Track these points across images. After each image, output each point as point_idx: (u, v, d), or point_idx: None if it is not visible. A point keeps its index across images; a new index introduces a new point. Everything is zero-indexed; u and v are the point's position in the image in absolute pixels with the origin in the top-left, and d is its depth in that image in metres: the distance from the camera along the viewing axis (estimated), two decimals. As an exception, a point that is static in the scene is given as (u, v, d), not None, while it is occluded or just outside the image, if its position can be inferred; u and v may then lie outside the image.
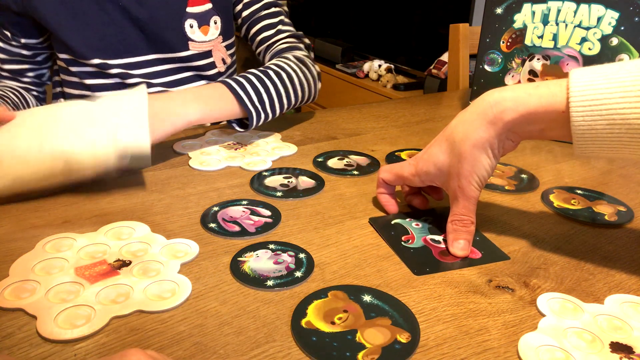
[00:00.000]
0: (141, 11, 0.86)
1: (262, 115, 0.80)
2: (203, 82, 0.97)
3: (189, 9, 0.91)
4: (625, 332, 0.44)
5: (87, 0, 0.84)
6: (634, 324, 0.45)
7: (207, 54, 0.95)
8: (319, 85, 0.92)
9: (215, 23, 0.94)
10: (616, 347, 0.42)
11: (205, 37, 0.93)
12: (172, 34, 0.90)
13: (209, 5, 0.93)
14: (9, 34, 0.87)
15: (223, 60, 0.98)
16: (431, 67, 2.21)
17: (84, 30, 0.84)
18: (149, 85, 0.90)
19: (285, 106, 0.83)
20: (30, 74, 0.92)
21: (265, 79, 0.80)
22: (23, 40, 0.87)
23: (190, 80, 0.95)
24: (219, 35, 0.96)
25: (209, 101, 0.74)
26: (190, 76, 0.95)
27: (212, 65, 0.97)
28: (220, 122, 0.81)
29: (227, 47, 0.99)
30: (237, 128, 0.82)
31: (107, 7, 0.85)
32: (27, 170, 0.58)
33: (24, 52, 0.88)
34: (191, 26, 0.91)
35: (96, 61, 0.86)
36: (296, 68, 0.86)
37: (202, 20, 0.93)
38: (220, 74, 0.99)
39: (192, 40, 0.92)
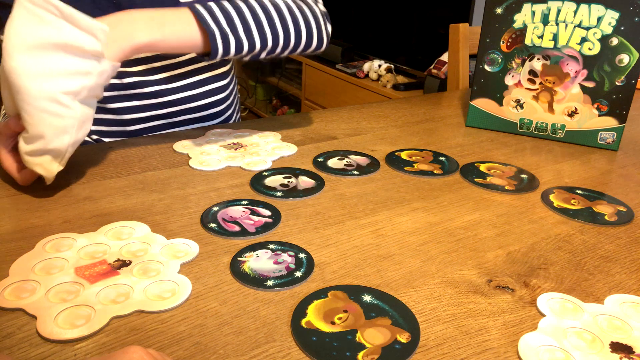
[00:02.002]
0: (134, 6, 0.85)
1: (232, 41, 0.69)
2: (207, 74, 0.95)
3: (183, 1, 0.89)
4: (625, 332, 0.44)
5: None
6: (634, 324, 0.45)
7: None
8: (329, 27, 0.81)
9: None
10: (616, 347, 0.42)
11: None
12: None
13: None
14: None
15: None
16: (431, 67, 2.21)
17: None
18: (147, 83, 0.89)
19: (269, 37, 0.73)
20: None
21: (240, 2, 0.72)
22: None
23: (192, 74, 0.93)
24: None
25: (164, 21, 0.66)
26: (191, 70, 0.93)
27: None
28: (184, 54, 0.74)
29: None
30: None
31: (102, 4, 0.84)
32: None
33: None
34: None
35: None
36: None
37: None
38: (224, 61, 0.95)
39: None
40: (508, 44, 0.89)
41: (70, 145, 0.59)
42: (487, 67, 0.91)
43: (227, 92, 0.99)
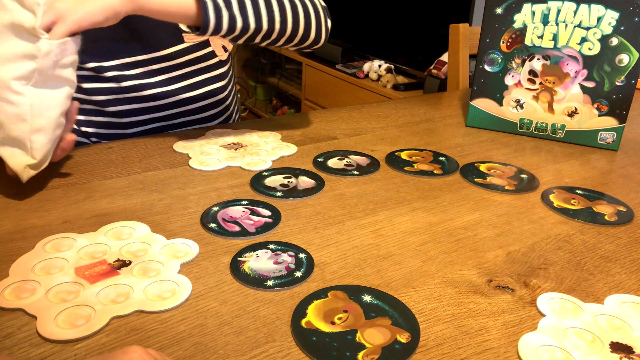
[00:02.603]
0: None
1: (225, 15, 0.68)
2: (206, 75, 0.95)
3: None
4: (625, 332, 0.44)
5: None
6: (634, 324, 0.45)
7: (205, 44, 0.92)
8: (329, 22, 0.81)
9: None
10: (616, 347, 0.42)
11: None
12: (165, 29, 0.87)
13: None
14: None
15: (224, 47, 0.95)
16: (431, 67, 2.21)
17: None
18: (147, 86, 0.89)
19: (265, 20, 0.72)
20: None
21: None
22: None
23: (190, 76, 0.93)
24: None
25: None
26: (189, 72, 0.92)
27: (212, 55, 0.94)
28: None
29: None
30: (186, 29, 0.72)
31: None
32: None
33: None
34: None
35: (91, 65, 0.85)
36: None
37: None
38: (222, 62, 0.96)
39: (186, 32, 0.89)
40: (508, 44, 0.89)
41: (30, 133, 0.57)
42: (487, 67, 0.91)
43: (226, 92, 0.99)
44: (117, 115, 0.86)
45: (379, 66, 2.48)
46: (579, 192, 0.71)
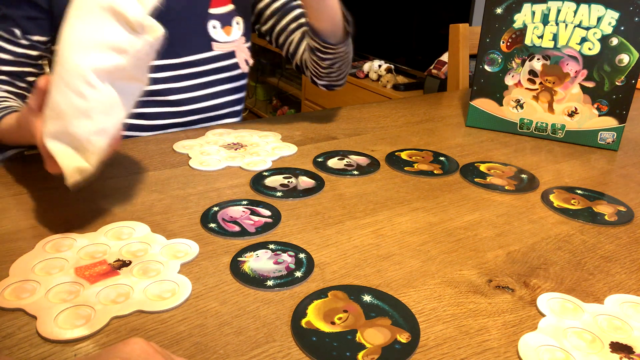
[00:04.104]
0: (169, 19, 0.84)
1: (349, 45, 0.86)
2: (228, 86, 0.96)
3: (212, 10, 0.90)
4: (625, 332, 0.44)
5: None
6: (634, 324, 0.45)
7: (231, 54, 0.94)
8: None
9: (238, 24, 0.93)
10: (616, 347, 0.42)
11: (228, 37, 0.93)
12: (196, 36, 0.89)
13: (231, 6, 0.92)
14: (19, 31, 0.80)
15: (246, 61, 0.97)
16: (431, 67, 2.21)
17: None
18: (172, 91, 0.89)
19: (346, 67, 0.91)
20: (30, 78, 0.86)
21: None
22: (35, 38, 0.81)
23: (213, 85, 0.94)
24: (242, 36, 0.95)
25: None
26: (213, 80, 0.93)
27: (236, 66, 0.96)
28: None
29: (249, 49, 0.99)
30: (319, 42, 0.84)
31: None
32: None
33: (31, 52, 0.83)
34: (214, 27, 0.91)
35: None
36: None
37: (225, 21, 0.92)
38: (243, 74, 0.98)
39: (216, 41, 0.91)
40: (508, 44, 0.89)
41: (92, 133, 0.51)
42: (487, 67, 0.91)
43: (242, 105, 1.02)
44: (140, 117, 0.87)
45: (379, 66, 2.48)
46: (579, 192, 0.71)
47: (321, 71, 0.91)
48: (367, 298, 0.47)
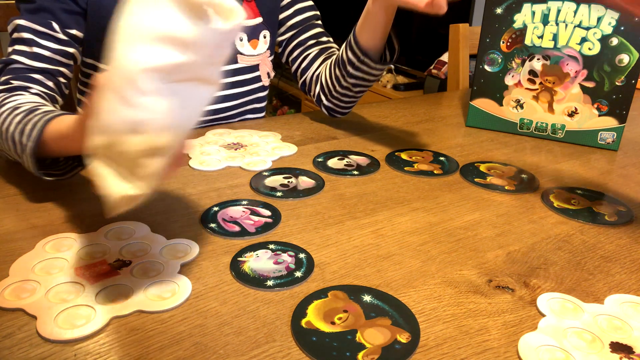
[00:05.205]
0: None
1: (383, 71, 0.84)
2: (247, 98, 0.96)
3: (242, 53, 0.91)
4: (625, 332, 0.44)
5: None
6: (634, 324, 0.45)
7: (254, 67, 0.94)
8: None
9: (265, 37, 0.93)
10: (616, 347, 0.42)
11: (254, 51, 0.92)
12: None
13: (259, 19, 0.92)
14: (57, 25, 0.74)
15: (268, 74, 0.97)
16: (431, 67, 2.21)
17: None
18: None
19: (368, 86, 0.89)
20: (62, 79, 0.77)
21: None
22: (73, 32, 0.76)
23: (235, 98, 0.93)
24: (267, 49, 0.95)
25: None
26: (235, 93, 0.93)
27: (258, 79, 0.96)
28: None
29: (271, 62, 0.99)
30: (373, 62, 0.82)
31: None
32: None
33: (68, 49, 0.76)
34: (241, 39, 0.90)
35: None
36: None
37: (252, 34, 0.92)
38: (263, 87, 0.98)
39: (241, 54, 0.91)
40: (508, 44, 0.89)
41: (146, 152, 0.39)
42: (487, 67, 0.91)
43: (262, 114, 1.02)
44: None
45: (379, 66, 2.47)
46: (579, 192, 0.70)
47: (337, 90, 0.88)
48: (367, 298, 0.47)
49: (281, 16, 0.96)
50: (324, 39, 0.96)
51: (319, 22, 0.98)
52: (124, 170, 0.41)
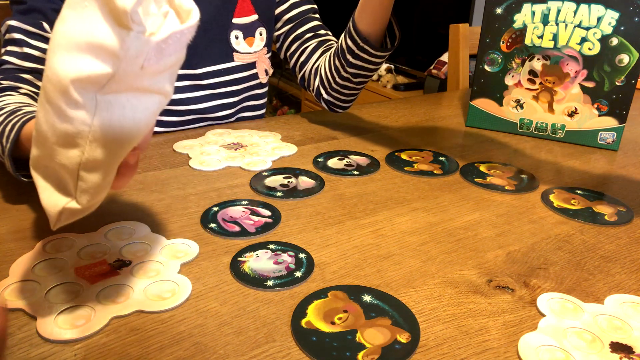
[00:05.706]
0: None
1: (383, 60, 0.82)
2: (245, 95, 0.95)
3: (235, 20, 0.89)
4: (625, 332, 0.44)
5: None
6: (634, 324, 0.45)
7: (251, 65, 0.94)
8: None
9: (261, 34, 0.93)
10: (616, 347, 0.42)
11: (250, 48, 0.92)
12: (217, 46, 0.88)
13: (254, 17, 0.91)
14: (48, 26, 0.74)
15: (266, 71, 0.97)
16: (431, 67, 2.21)
17: None
18: (190, 101, 0.88)
19: (369, 77, 0.88)
20: None
21: None
22: None
23: (232, 95, 0.93)
24: (264, 46, 0.94)
25: None
26: (232, 91, 0.93)
27: (255, 77, 0.95)
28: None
29: (269, 59, 0.99)
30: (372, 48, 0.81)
31: None
32: None
33: None
34: (236, 37, 0.90)
35: None
36: None
37: (248, 31, 0.91)
38: (262, 84, 0.98)
39: (237, 52, 0.91)
40: (508, 44, 0.89)
41: (84, 166, 0.38)
42: (487, 67, 0.91)
43: (262, 112, 1.02)
44: (156, 125, 0.86)
45: (379, 66, 2.48)
46: (579, 192, 0.70)
47: (337, 81, 0.87)
48: (367, 298, 0.47)
49: (277, 11, 0.95)
50: (322, 31, 0.96)
51: (317, 15, 0.98)
52: (63, 183, 0.39)
